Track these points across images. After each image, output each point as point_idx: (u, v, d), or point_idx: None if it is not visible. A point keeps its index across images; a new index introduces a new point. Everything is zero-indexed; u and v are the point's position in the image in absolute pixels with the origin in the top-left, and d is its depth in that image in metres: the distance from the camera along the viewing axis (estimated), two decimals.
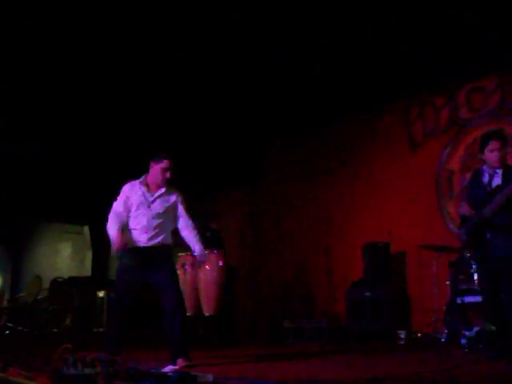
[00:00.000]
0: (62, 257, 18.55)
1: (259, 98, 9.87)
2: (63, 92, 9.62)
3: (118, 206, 5.87)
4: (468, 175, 8.82)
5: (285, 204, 11.40)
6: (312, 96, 9.79)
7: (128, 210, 5.81)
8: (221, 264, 9.01)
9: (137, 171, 6.05)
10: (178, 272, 6.64)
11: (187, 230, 5.90)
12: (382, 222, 9.49)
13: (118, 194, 5.97)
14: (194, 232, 5.92)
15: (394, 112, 9.91)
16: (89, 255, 16.23)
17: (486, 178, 5.56)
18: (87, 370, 3.64)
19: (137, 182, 5.89)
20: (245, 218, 10.60)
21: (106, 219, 5.94)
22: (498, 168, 5.50)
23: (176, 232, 5.97)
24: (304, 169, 11.16)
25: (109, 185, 12.60)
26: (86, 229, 16.02)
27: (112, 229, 5.78)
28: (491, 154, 5.49)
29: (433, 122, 9.44)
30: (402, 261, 9.28)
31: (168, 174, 5.75)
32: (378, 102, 9.83)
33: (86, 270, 16.05)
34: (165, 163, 5.74)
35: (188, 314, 8.51)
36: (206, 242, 7.62)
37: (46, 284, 14.22)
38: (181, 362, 5.33)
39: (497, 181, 5.49)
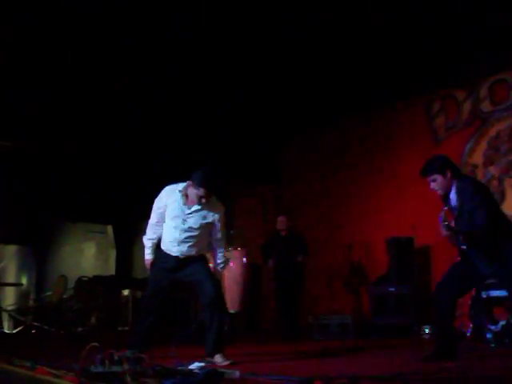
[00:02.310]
0: (86, 256, 18.69)
1: (281, 91, 9.83)
2: (92, 95, 9.72)
3: (153, 216, 5.83)
4: (491, 169, 8.81)
5: (307, 199, 11.39)
6: (334, 89, 9.75)
7: (163, 218, 5.75)
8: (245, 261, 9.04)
9: (159, 171, 6.04)
10: None
11: (216, 250, 5.88)
12: (406, 216, 9.44)
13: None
14: (222, 255, 5.91)
15: (416, 106, 9.85)
16: (113, 254, 16.34)
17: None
18: (115, 368, 3.67)
19: (177, 188, 5.68)
20: (268, 214, 10.59)
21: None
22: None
23: None
24: (327, 164, 11.15)
25: (132, 185, 12.77)
26: (110, 228, 16.12)
27: (146, 246, 5.88)
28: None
29: (455, 115, 9.38)
30: (426, 255, 9.24)
31: (204, 200, 5.53)
32: (399, 96, 9.79)
33: (111, 269, 16.15)
34: (201, 192, 5.49)
35: None
36: (229, 239, 7.63)
37: (71, 283, 14.33)
38: (220, 360, 5.35)
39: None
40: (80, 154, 12.15)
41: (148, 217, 5.91)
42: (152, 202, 5.91)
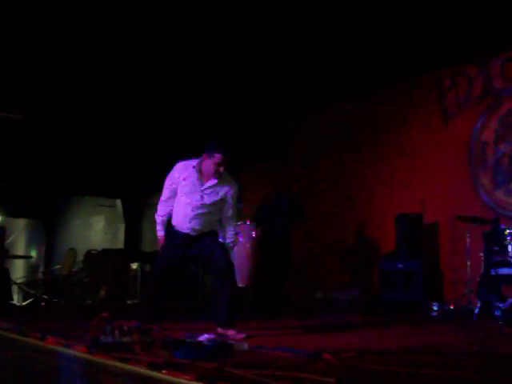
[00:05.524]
0: (95, 230, 18.78)
1: (291, 66, 9.76)
2: (99, 71, 9.71)
3: (165, 192, 5.79)
4: (502, 146, 8.75)
5: (316, 175, 11.36)
6: (344, 66, 9.68)
7: (175, 195, 5.71)
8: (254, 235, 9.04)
9: (168, 145, 6.00)
10: None
11: (227, 228, 5.85)
12: (415, 193, 9.42)
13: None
14: (233, 233, 5.88)
15: (427, 82, 9.77)
16: (121, 228, 16.39)
17: None
18: (125, 339, 3.70)
19: (190, 164, 5.63)
20: (276, 190, 10.54)
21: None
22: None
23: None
24: (336, 139, 11.09)
25: (141, 158, 12.78)
26: (119, 202, 16.13)
27: (158, 222, 5.86)
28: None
29: (466, 92, 9.30)
30: (435, 232, 9.21)
31: (222, 169, 5.51)
32: (410, 73, 9.70)
33: (119, 243, 16.22)
34: (217, 158, 5.45)
35: None
36: (239, 213, 7.63)
37: (80, 257, 14.43)
38: (233, 333, 5.35)
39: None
40: (90, 127, 12.16)
41: (156, 190, 5.90)
42: (161, 176, 5.89)
